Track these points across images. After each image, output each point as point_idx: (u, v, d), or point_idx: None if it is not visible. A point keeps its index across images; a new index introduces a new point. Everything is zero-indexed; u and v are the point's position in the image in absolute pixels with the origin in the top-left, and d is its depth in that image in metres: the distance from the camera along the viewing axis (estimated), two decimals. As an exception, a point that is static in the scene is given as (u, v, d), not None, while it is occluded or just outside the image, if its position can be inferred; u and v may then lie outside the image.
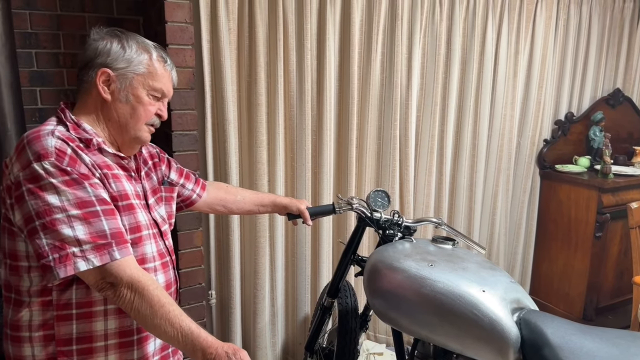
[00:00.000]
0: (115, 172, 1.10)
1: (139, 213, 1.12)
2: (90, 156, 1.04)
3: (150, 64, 1.12)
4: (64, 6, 2.09)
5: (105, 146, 1.09)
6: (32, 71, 2.08)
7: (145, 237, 1.13)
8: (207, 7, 2.04)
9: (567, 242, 2.98)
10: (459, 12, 2.59)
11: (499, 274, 1.38)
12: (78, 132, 1.06)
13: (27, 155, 0.97)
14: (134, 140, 1.15)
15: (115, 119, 1.12)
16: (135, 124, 1.13)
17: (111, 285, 0.97)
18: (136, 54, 1.11)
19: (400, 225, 1.67)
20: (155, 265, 1.16)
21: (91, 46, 1.10)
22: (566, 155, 3.16)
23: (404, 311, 1.37)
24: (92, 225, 0.97)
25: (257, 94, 2.18)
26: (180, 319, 0.97)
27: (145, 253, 1.13)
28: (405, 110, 2.55)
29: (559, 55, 3.02)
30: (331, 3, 2.27)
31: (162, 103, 1.18)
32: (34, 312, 1.03)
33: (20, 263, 1.02)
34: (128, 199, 1.10)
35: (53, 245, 0.94)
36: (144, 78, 1.12)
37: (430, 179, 2.72)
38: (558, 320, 1.24)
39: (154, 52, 1.14)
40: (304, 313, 2.50)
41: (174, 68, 1.20)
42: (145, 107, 1.13)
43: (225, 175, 2.20)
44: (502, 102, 2.86)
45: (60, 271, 0.94)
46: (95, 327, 1.05)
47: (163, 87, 1.15)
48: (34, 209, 0.95)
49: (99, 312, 1.05)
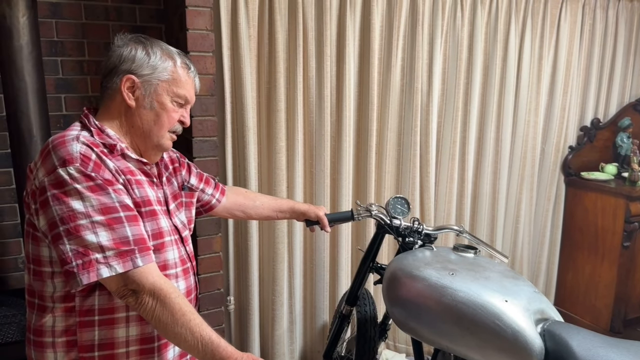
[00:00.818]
0: (138, 178, 1.10)
1: (161, 219, 1.12)
2: (114, 162, 1.04)
3: (174, 71, 1.12)
4: (89, 15, 2.14)
5: (128, 152, 1.09)
6: (58, 78, 2.13)
7: (167, 243, 1.13)
8: (227, 14, 2.06)
9: (594, 251, 2.90)
10: (481, 16, 2.56)
11: (522, 283, 1.35)
12: (102, 137, 1.06)
13: (52, 161, 0.97)
14: (157, 147, 1.15)
15: (138, 126, 1.11)
16: (158, 130, 1.13)
17: (133, 292, 0.97)
18: (160, 61, 1.10)
19: (421, 232, 1.65)
20: (177, 272, 1.16)
21: (115, 52, 1.10)
22: (592, 162, 3.08)
23: (424, 320, 1.35)
24: (116, 231, 0.97)
25: (276, 100, 2.19)
26: (201, 328, 0.96)
27: (167, 259, 1.13)
28: (426, 116, 2.52)
29: (585, 60, 2.96)
30: (351, 9, 2.27)
31: (185, 109, 1.18)
32: (57, 318, 1.04)
33: (43, 269, 1.03)
34: (151, 205, 1.10)
35: (77, 251, 0.94)
36: (168, 85, 1.11)
37: (452, 186, 2.69)
38: (584, 332, 1.20)
39: (178, 59, 1.14)
40: (322, 320, 2.48)
41: (197, 75, 1.19)
42: (169, 113, 1.13)
43: (244, 181, 2.21)
44: (525, 108, 2.81)
45: (84, 277, 0.93)
46: (117, 333, 1.05)
47: (187, 93, 1.15)
48: (58, 214, 0.95)
49: (121, 318, 1.05)
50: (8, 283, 2.16)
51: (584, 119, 3.06)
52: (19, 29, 1.70)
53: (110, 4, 2.17)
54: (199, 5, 1.83)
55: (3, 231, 2.13)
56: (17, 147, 1.77)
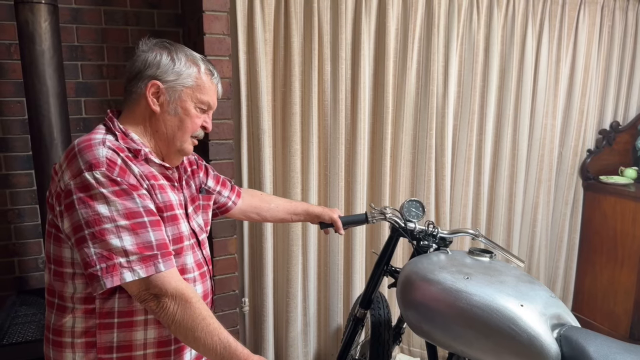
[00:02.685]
0: (161, 183, 1.11)
1: (182, 224, 1.14)
2: (139, 166, 1.05)
3: (198, 77, 1.13)
4: (108, 20, 2.18)
5: (152, 156, 1.10)
6: (78, 82, 2.17)
7: (186, 247, 1.14)
8: (244, 18, 2.08)
9: (613, 256, 2.85)
10: (498, 19, 2.54)
11: (538, 288, 1.33)
12: (126, 141, 1.07)
13: (78, 164, 0.98)
14: (179, 151, 1.16)
15: (162, 131, 1.13)
16: (182, 135, 1.14)
17: (154, 296, 0.98)
18: (185, 67, 1.11)
19: (435, 236, 1.64)
20: (195, 276, 1.17)
21: (140, 57, 1.10)
22: (611, 166, 3.03)
23: (439, 324, 1.34)
24: (140, 236, 0.98)
25: (291, 104, 2.20)
26: (219, 332, 0.98)
27: (185, 264, 1.14)
28: (441, 119, 2.51)
29: (604, 63, 2.92)
30: (366, 13, 2.27)
31: (208, 115, 1.19)
32: (77, 319, 1.05)
33: (65, 269, 1.04)
34: (172, 210, 1.11)
35: (101, 254, 0.95)
36: (192, 91, 1.12)
37: (468, 190, 2.67)
38: (601, 337, 1.18)
39: (202, 65, 1.14)
40: (336, 323, 2.48)
41: (219, 81, 1.20)
42: (193, 119, 1.14)
43: (259, 184, 2.23)
44: (542, 111, 2.78)
45: (107, 281, 0.95)
46: (135, 336, 1.07)
47: (210, 99, 1.16)
48: (83, 217, 0.96)
49: (139, 321, 1.07)
50: (28, 283, 2.21)
51: (602, 122, 3.02)
52: (41, 34, 1.74)
53: (129, 9, 2.21)
54: (216, 9, 1.85)
55: (24, 232, 2.18)
56: (38, 149, 1.80)
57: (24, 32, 1.73)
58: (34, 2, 1.71)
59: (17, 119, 2.10)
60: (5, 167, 2.12)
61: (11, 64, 2.06)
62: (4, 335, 1.69)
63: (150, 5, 2.24)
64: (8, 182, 2.13)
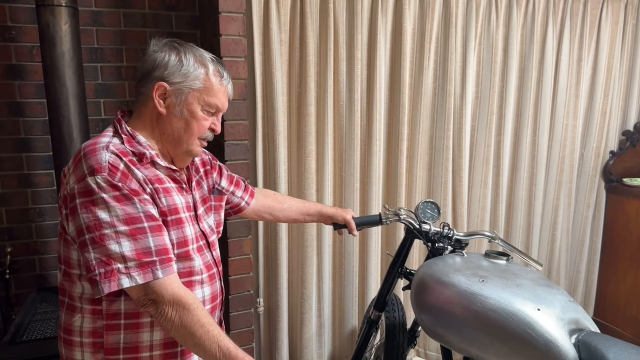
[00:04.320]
0: (167, 186, 1.10)
1: (187, 227, 1.12)
2: (143, 170, 1.05)
3: (206, 79, 1.11)
4: (127, 22, 2.21)
5: (158, 159, 1.10)
6: (97, 84, 2.21)
7: (192, 250, 1.13)
8: (259, 19, 2.08)
9: (636, 261, 2.78)
10: (517, 18, 2.50)
11: (556, 292, 1.30)
12: (132, 144, 1.07)
13: (82, 169, 1.00)
14: (186, 153, 1.15)
15: (169, 133, 1.12)
16: (188, 138, 1.13)
17: (153, 302, 0.99)
18: (193, 68, 1.09)
19: (451, 238, 1.62)
20: (203, 278, 1.16)
21: (150, 57, 1.10)
22: (635, 168, 2.95)
23: (453, 328, 1.32)
24: (139, 241, 0.99)
25: (306, 104, 2.20)
26: (220, 339, 1.00)
27: (193, 267, 1.13)
28: (459, 119, 2.48)
29: (627, 62, 2.85)
30: (382, 13, 2.26)
31: (217, 117, 1.17)
32: (86, 319, 1.06)
33: (72, 270, 1.05)
34: (177, 213, 1.10)
35: (100, 259, 0.96)
36: (200, 93, 1.10)
37: (486, 192, 2.63)
38: (621, 343, 1.15)
39: (211, 66, 1.12)
40: (351, 325, 2.47)
41: (230, 82, 1.17)
42: (199, 122, 1.12)
43: (274, 184, 2.23)
44: (563, 111, 2.72)
45: (105, 286, 0.96)
46: (141, 337, 1.07)
47: (218, 102, 1.14)
48: (85, 222, 0.97)
49: (146, 323, 1.07)
50: (48, 280, 2.25)
51: (626, 123, 2.94)
52: (62, 36, 1.77)
53: (147, 11, 2.24)
54: (232, 11, 1.86)
55: (44, 230, 2.22)
56: (59, 150, 1.84)
57: (45, 35, 1.77)
58: (54, 5, 1.74)
59: (38, 120, 2.15)
60: (27, 166, 2.17)
61: (33, 65, 2.10)
62: (24, 332, 1.72)
63: (168, 8, 2.27)
64: (30, 182, 2.18)
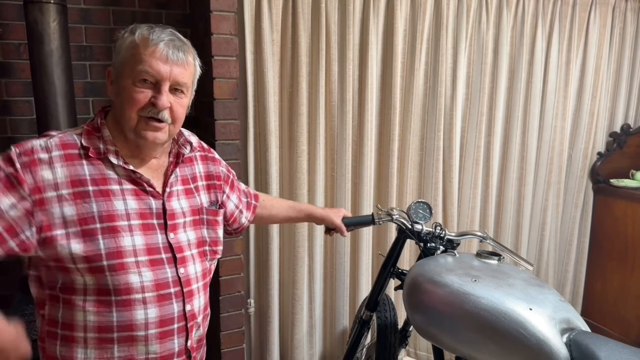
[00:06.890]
0: (110, 188, 1.00)
1: (124, 237, 1.00)
2: (79, 168, 0.98)
3: (133, 46, 0.99)
4: (117, 20, 2.19)
5: (112, 156, 1.02)
6: (86, 82, 2.18)
7: (134, 264, 1.00)
8: (251, 19, 2.07)
9: (623, 261, 2.81)
10: (507, 20, 2.52)
11: (547, 291, 1.31)
12: (91, 138, 1.02)
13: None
14: (136, 136, 1.02)
15: (118, 118, 1.03)
16: (123, 114, 1.01)
17: None
18: (123, 40, 1.01)
19: (443, 238, 1.62)
20: (146, 297, 1.01)
21: None
22: (622, 169, 2.99)
23: (446, 328, 1.32)
24: None
25: (298, 104, 2.20)
26: None
27: (129, 282, 1.00)
28: (449, 120, 2.49)
29: (615, 65, 2.88)
30: (374, 13, 2.26)
31: (160, 89, 1.00)
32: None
33: None
34: (112, 221, 0.99)
35: None
36: (130, 63, 0.99)
37: (476, 192, 2.64)
38: (612, 342, 1.16)
39: (138, 31, 1.00)
40: (342, 325, 2.47)
41: (167, 42, 1.00)
42: (130, 94, 0.99)
43: (265, 184, 2.22)
44: (552, 112, 2.75)
45: None
46: (76, 316, 1.01)
47: (148, 67, 0.98)
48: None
49: (79, 305, 1.00)
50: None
51: (613, 125, 2.98)
52: (50, 34, 1.74)
53: (137, 9, 2.21)
54: (223, 10, 1.85)
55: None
56: (46, 148, 1.81)
57: (32, 32, 1.74)
58: (43, 2, 1.71)
59: (25, 119, 2.11)
60: (14, 166, 2.13)
61: (20, 63, 2.07)
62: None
63: (159, 6, 2.25)
64: (16, 181, 2.14)
